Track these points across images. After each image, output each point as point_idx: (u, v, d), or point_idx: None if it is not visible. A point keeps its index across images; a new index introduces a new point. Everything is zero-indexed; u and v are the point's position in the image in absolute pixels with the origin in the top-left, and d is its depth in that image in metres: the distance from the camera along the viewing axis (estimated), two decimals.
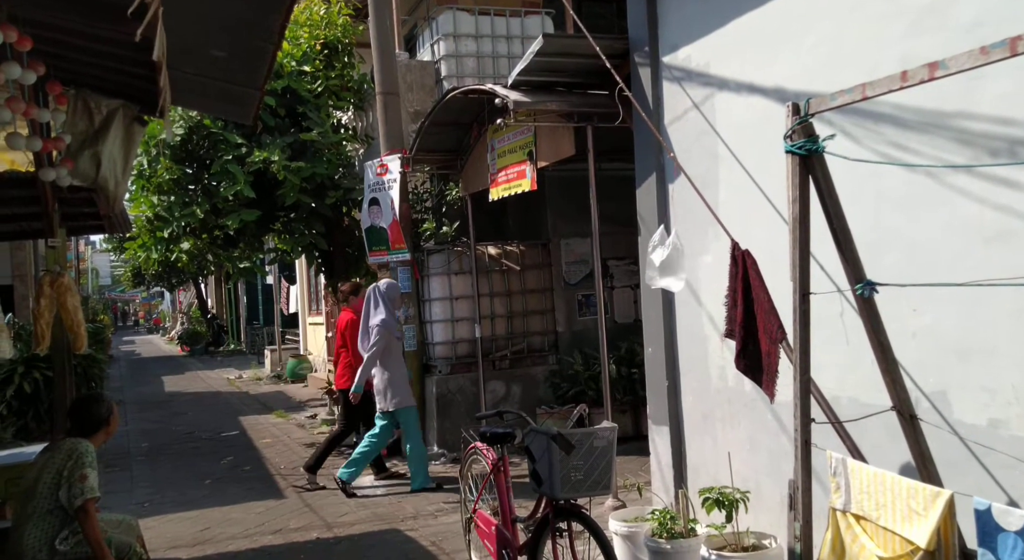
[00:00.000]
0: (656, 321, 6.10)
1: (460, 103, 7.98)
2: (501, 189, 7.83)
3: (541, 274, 9.63)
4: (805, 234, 3.37)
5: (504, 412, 4.85)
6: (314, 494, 7.67)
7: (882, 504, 2.86)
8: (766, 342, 3.86)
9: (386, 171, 9.03)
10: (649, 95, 6.11)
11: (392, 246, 9.05)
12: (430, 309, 9.26)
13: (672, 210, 5.91)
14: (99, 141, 4.95)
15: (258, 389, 16.99)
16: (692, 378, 5.86)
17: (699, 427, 5.81)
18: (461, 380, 9.12)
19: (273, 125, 9.60)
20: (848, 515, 3.04)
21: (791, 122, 3.39)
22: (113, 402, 4.40)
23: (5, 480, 5.29)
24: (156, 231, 9.70)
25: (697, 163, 5.62)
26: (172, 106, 6.19)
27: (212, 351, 28.17)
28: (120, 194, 5.12)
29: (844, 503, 3.06)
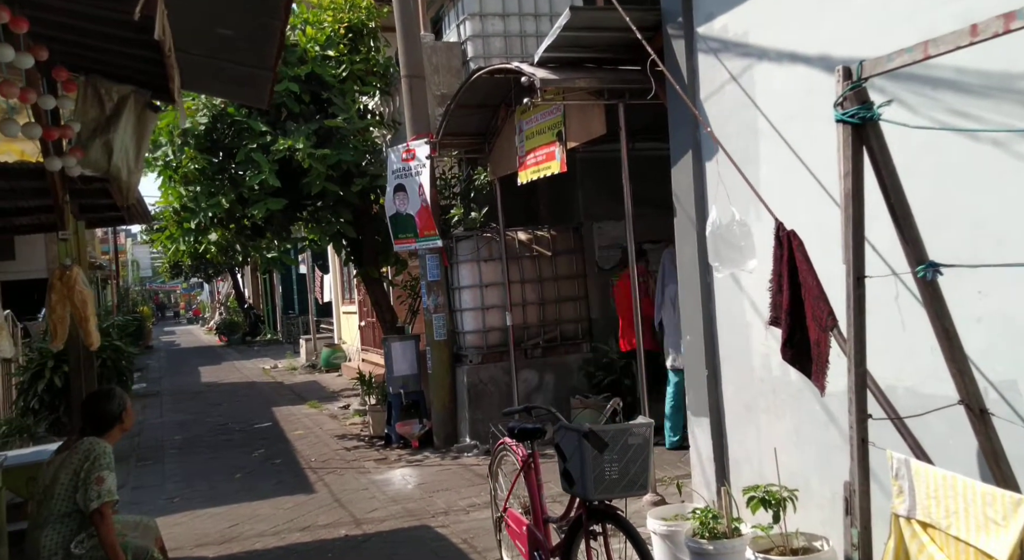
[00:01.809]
0: (694, 308, 5.79)
1: (486, 84, 7.70)
2: (530, 172, 7.56)
3: (573, 259, 9.34)
4: (859, 211, 3.05)
5: (532, 407, 4.59)
6: (344, 489, 7.50)
7: (953, 511, 2.56)
8: (815, 330, 3.55)
9: (412, 157, 8.80)
10: (684, 68, 5.78)
11: (421, 233, 8.82)
12: (459, 297, 9.03)
13: (709, 189, 5.58)
14: (110, 129, 4.77)
15: (292, 379, 16.96)
16: (733, 367, 5.55)
17: (741, 419, 5.50)
18: (493, 370, 8.89)
19: (298, 112, 9.40)
20: (913, 522, 2.74)
21: (842, 88, 3.07)
22: (127, 397, 4.22)
23: (27, 479, 5.17)
24: (183, 222, 9.58)
25: (736, 139, 5.29)
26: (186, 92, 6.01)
27: (249, 341, 28.32)
28: (133, 184, 4.94)
29: (908, 509, 2.76)
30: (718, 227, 4.43)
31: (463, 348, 9.03)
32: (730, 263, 4.41)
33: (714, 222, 4.48)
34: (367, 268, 10.52)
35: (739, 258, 4.37)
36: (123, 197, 4.92)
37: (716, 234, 4.43)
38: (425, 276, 8.98)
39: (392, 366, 9.28)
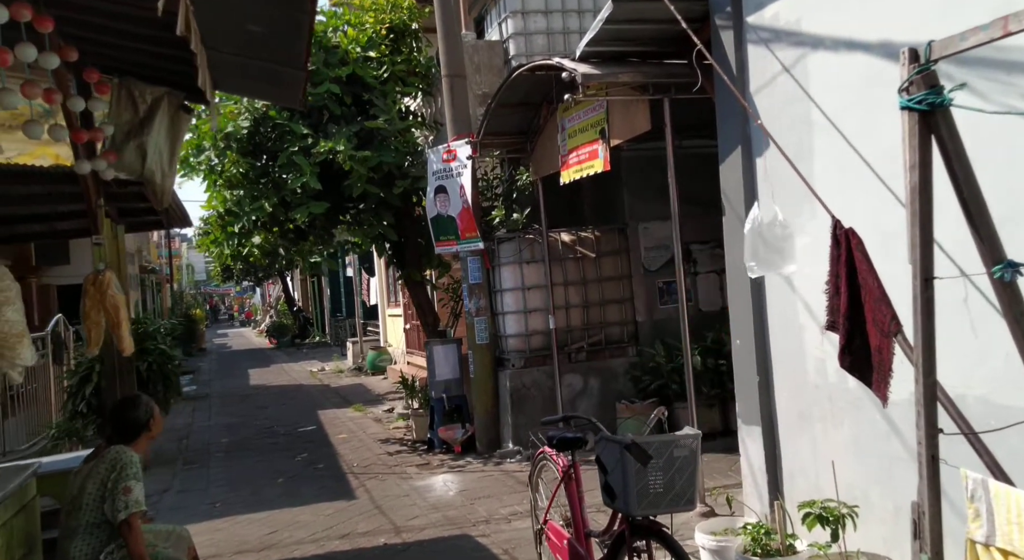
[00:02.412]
0: (744, 310, 5.53)
1: (527, 82, 7.52)
2: (572, 171, 7.35)
3: (618, 260, 9.10)
4: (927, 206, 2.79)
5: (571, 417, 4.39)
6: (385, 496, 7.38)
7: None
8: (876, 336, 3.29)
9: (453, 157, 8.65)
10: (732, 60, 5.52)
11: (462, 235, 8.68)
12: (501, 300, 8.85)
13: (760, 186, 5.31)
14: (144, 131, 4.71)
15: (339, 382, 16.97)
16: (786, 373, 5.28)
17: (795, 428, 5.22)
18: (536, 374, 8.69)
19: (339, 114, 9.33)
20: (992, 549, 2.47)
21: (907, 71, 2.82)
22: (154, 404, 4.12)
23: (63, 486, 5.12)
24: (227, 226, 9.58)
25: (788, 133, 5.02)
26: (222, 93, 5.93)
27: (298, 343, 28.54)
28: (168, 187, 4.86)
29: (986, 535, 2.50)
30: (758, 225, 4.18)
31: (505, 352, 8.86)
32: (767, 264, 4.16)
33: (755, 219, 4.22)
34: (410, 271, 10.41)
35: (778, 260, 4.12)
36: (158, 200, 4.86)
37: (755, 233, 4.18)
38: (467, 279, 8.82)
39: (434, 370, 9.15)
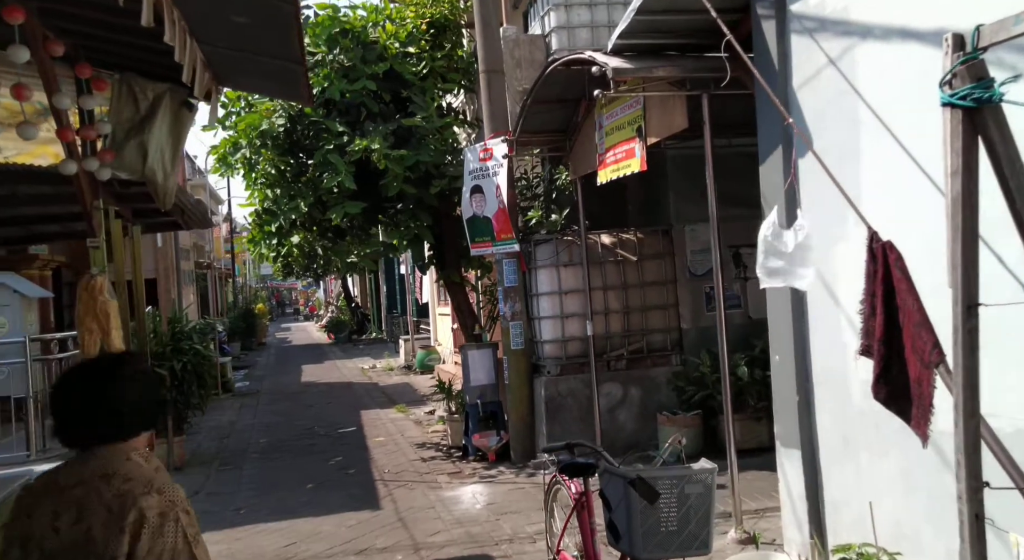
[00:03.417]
0: (784, 324, 5.09)
1: (563, 77, 7.16)
2: (609, 171, 6.97)
3: (662, 264, 8.67)
4: (971, 219, 2.38)
5: (575, 444, 4.03)
6: (410, 507, 7.13)
7: None
8: (916, 365, 2.87)
9: (490, 156, 8.35)
10: (774, 52, 5.09)
11: (498, 237, 8.37)
12: (537, 304, 8.52)
13: (802, 188, 4.87)
14: (145, 129, 4.52)
15: (387, 380, 16.87)
16: (828, 394, 4.83)
17: (838, 454, 4.77)
18: (572, 382, 8.34)
19: (377, 111, 9.12)
20: None
21: (951, 61, 2.40)
22: None
23: None
24: (264, 225, 9.47)
25: (833, 131, 4.59)
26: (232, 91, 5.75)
27: (355, 339, 28.69)
28: (170, 187, 4.67)
29: None
30: (774, 232, 3.77)
31: (541, 358, 8.53)
32: (779, 275, 3.75)
33: (772, 224, 3.82)
34: (449, 272, 10.16)
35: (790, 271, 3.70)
36: (161, 201, 4.66)
37: (767, 241, 3.77)
38: (502, 282, 8.52)
39: (469, 375, 8.87)
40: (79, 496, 1.91)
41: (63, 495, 1.93)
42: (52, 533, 1.90)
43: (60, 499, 1.93)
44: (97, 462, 1.96)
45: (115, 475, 1.94)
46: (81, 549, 1.87)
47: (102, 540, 1.86)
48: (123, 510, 1.88)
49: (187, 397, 9.11)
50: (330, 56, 9.00)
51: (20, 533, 1.94)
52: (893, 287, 2.93)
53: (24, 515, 1.96)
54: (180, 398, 9.05)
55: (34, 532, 1.92)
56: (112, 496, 1.90)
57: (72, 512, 1.90)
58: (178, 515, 1.93)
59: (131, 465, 1.98)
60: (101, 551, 1.85)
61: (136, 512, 1.87)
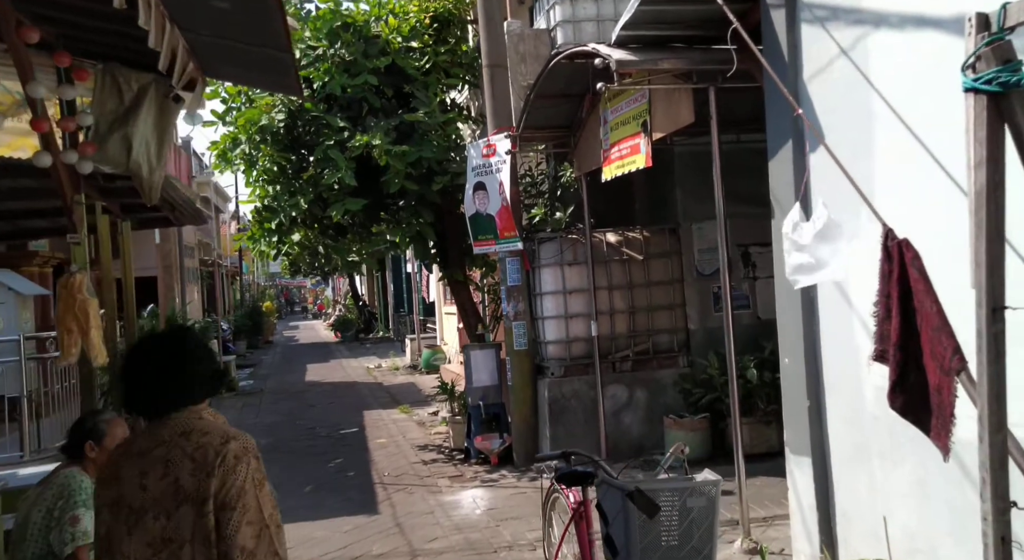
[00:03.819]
0: (794, 325, 4.89)
1: (567, 71, 6.97)
2: (614, 167, 6.79)
3: (669, 263, 8.46)
4: (997, 215, 2.18)
5: (571, 453, 3.84)
6: (408, 512, 6.96)
7: None
8: (935, 372, 2.67)
9: (493, 152, 8.17)
10: (784, 43, 4.89)
11: (500, 235, 8.19)
12: (541, 304, 8.33)
13: (814, 185, 4.67)
14: (129, 121, 4.36)
15: (392, 380, 16.72)
16: (841, 399, 4.63)
17: (850, 462, 4.57)
18: (576, 384, 8.15)
19: (379, 107, 8.94)
20: None
21: (974, 43, 2.20)
22: (114, 422, 3.72)
23: None
24: (264, 222, 9.32)
25: (845, 125, 4.39)
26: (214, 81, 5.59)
27: (362, 338, 28.55)
28: (156, 181, 4.51)
29: None
30: (799, 229, 3.58)
31: (544, 359, 8.34)
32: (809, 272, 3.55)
33: (796, 222, 3.62)
34: (452, 270, 9.98)
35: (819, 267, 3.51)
36: (146, 195, 4.50)
37: (790, 238, 3.58)
38: (505, 281, 8.34)
39: (471, 376, 8.69)
40: (162, 455, 2.17)
41: (146, 458, 2.18)
42: (140, 491, 2.15)
43: (144, 461, 2.18)
44: (173, 425, 2.22)
45: (193, 431, 2.20)
46: (171, 498, 2.13)
47: (191, 486, 2.12)
48: (206, 457, 2.14)
49: None
50: (331, 50, 8.83)
51: (109, 498, 2.21)
52: (910, 288, 2.73)
53: (112, 480, 2.22)
54: None
55: (123, 494, 2.17)
56: (194, 448, 2.16)
57: (158, 469, 2.15)
58: (250, 460, 2.19)
59: (204, 422, 2.25)
60: (192, 495, 2.12)
61: (218, 456, 2.14)
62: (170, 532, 2.13)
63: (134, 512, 2.15)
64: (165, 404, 2.25)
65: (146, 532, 2.14)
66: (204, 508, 2.11)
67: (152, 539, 2.13)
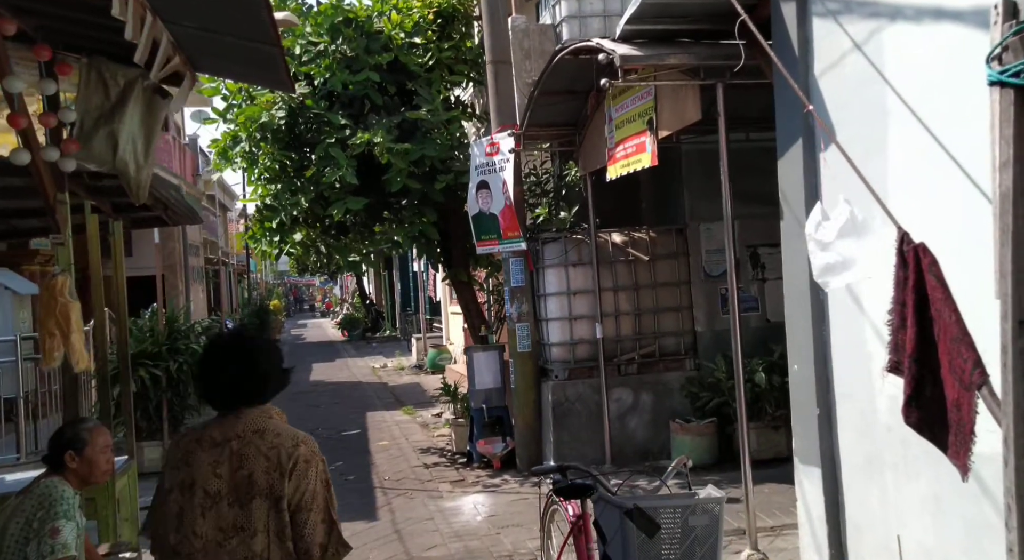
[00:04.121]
0: (803, 331, 4.72)
1: (572, 67, 6.80)
2: (619, 166, 6.62)
3: (676, 264, 8.28)
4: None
5: (568, 466, 3.68)
6: (408, 518, 6.82)
7: None
8: (954, 386, 2.50)
9: (496, 150, 8.01)
10: (794, 37, 4.71)
11: (504, 234, 8.03)
12: (545, 305, 8.17)
13: (824, 184, 4.50)
14: (116, 118, 4.21)
15: (397, 380, 16.59)
16: (852, 407, 4.45)
17: (862, 473, 4.40)
18: (580, 387, 7.98)
19: (381, 104, 8.79)
20: None
21: (1000, 32, 2.03)
22: (96, 431, 3.58)
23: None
24: (265, 221, 9.19)
25: (858, 122, 4.21)
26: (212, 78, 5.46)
27: (368, 337, 28.43)
28: (143, 180, 4.36)
29: None
30: (822, 228, 3.40)
31: (548, 361, 8.18)
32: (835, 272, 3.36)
33: (818, 222, 3.45)
34: (456, 270, 9.83)
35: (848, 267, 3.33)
36: (134, 194, 4.36)
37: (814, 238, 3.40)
38: (508, 281, 8.18)
39: (474, 378, 8.54)
40: (237, 448, 2.36)
41: (220, 447, 2.37)
42: (215, 478, 2.35)
43: (217, 451, 2.37)
44: (247, 420, 2.40)
45: (266, 431, 2.38)
46: (244, 490, 2.33)
47: (265, 483, 2.32)
48: (279, 458, 2.34)
49: (183, 398, 8.83)
50: (332, 46, 8.68)
51: (180, 478, 2.38)
52: (926, 296, 2.56)
53: (183, 464, 2.40)
54: (175, 399, 8.77)
55: (196, 478, 2.36)
56: (268, 448, 2.35)
57: (233, 461, 2.35)
58: (318, 462, 2.40)
59: (275, 423, 2.43)
60: (266, 491, 2.32)
61: (290, 459, 2.34)
62: (243, 521, 2.32)
63: (209, 496, 2.35)
64: (238, 399, 2.43)
65: (220, 517, 2.33)
66: (279, 505, 2.32)
67: (225, 524, 2.33)
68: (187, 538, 2.34)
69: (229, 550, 2.32)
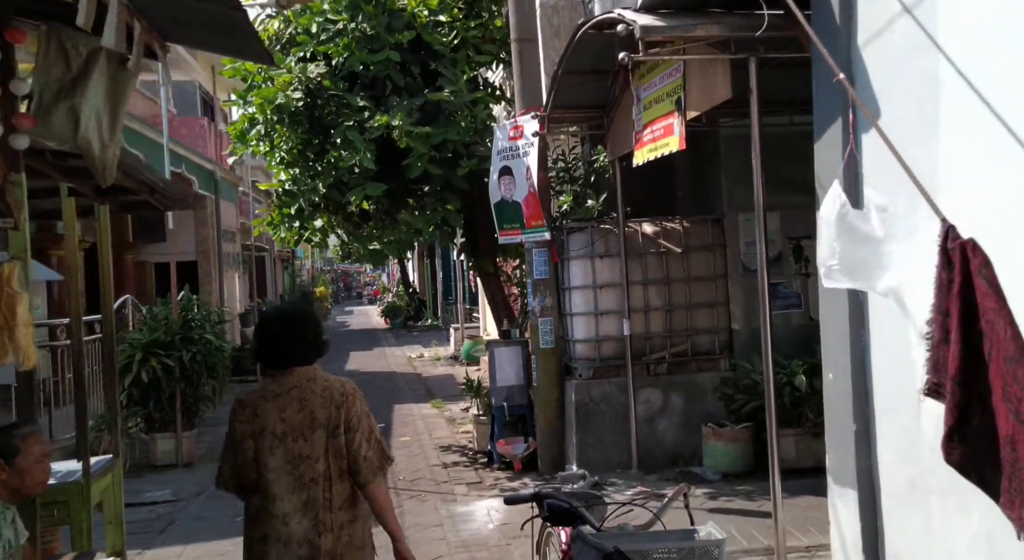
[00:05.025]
0: (838, 336, 4.19)
1: (597, 43, 6.27)
2: (646, 150, 6.10)
3: (711, 257, 7.73)
4: None
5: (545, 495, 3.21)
6: (416, 524, 6.44)
7: None
8: (1007, 418, 2.00)
9: (520, 134, 7.56)
10: (835, 2, 4.15)
11: (527, 223, 7.58)
12: (569, 299, 7.70)
13: (865, 170, 3.95)
14: (77, 91, 3.87)
15: (432, 371, 16.28)
16: (894, 424, 3.92)
17: (904, 498, 3.87)
18: (606, 387, 7.50)
19: (403, 85, 8.38)
20: None
21: None
22: (33, 437, 3.25)
23: None
24: (283, 207, 8.88)
25: (905, 97, 3.67)
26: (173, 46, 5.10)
27: (410, 325, 28.24)
28: (110, 159, 4.03)
29: None
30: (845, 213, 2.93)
31: (572, 359, 7.71)
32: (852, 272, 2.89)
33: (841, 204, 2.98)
34: (482, 260, 9.41)
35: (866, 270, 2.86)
36: (100, 175, 4.03)
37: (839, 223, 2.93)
38: (531, 273, 7.73)
39: (496, 375, 8.12)
40: (297, 395, 2.97)
41: (282, 397, 2.97)
42: (280, 422, 2.94)
43: (280, 400, 2.97)
44: (299, 374, 3.01)
45: (316, 378, 3.02)
46: (307, 426, 2.94)
47: (323, 416, 2.96)
48: (333, 395, 2.99)
49: (196, 389, 8.58)
50: (352, 24, 8.29)
51: (252, 428, 2.95)
52: (975, 304, 2.05)
53: (253, 416, 2.97)
54: (189, 390, 8.53)
55: (265, 425, 2.94)
56: (322, 389, 2.99)
57: (295, 405, 2.96)
58: (359, 397, 3.07)
59: (321, 373, 3.07)
60: (324, 423, 2.96)
61: (341, 396, 2.99)
62: (307, 451, 2.93)
63: (276, 437, 2.94)
64: (290, 359, 3.03)
65: (287, 451, 2.93)
66: (336, 432, 2.96)
67: (292, 456, 2.93)
68: (263, 473, 2.93)
69: (297, 475, 2.92)
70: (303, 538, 2.90)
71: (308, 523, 2.91)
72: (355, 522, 3.02)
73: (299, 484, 2.91)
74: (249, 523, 3.01)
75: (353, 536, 3.00)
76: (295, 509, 2.90)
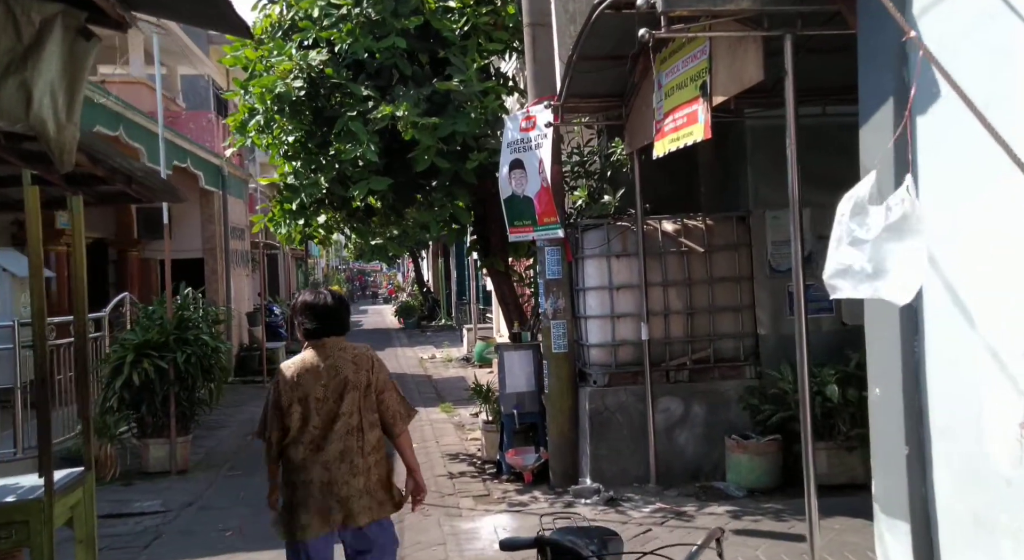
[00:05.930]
0: (887, 344, 3.70)
1: (615, 26, 5.79)
2: (667, 140, 5.62)
3: (736, 257, 7.24)
4: None
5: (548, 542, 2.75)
6: (417, 542, 6.00)
7: None
8: None
9: (532, 125, 7.10)
10: None
11: (539, 220, 7.12)
12: (584, 301, 7.23)
13: (920, 156, 3.46)
14: (29, 65, 3.43)
15: (443, 373, 15.86)
16: (952, 449, 3.43)
17: (965, 535, 3.38)
18: (622, 394, 7.02)
19: (410, 74, 7.93)
20: None
21: None
22: None
23: None
24: (284, 202, 8.46)
25: (970, 70, 3.17)
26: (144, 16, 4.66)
27: (424, 325, 27.85)
28: (67, 141, 3.57)
29: None
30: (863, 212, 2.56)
31: (587, 364, 7.24)
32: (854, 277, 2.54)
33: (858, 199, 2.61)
34: (492, 259, 8.95)
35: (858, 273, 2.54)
36: (57, 160, 3.59)
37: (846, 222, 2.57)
38: (543, 273, 7.27)
39: (505, 380, 7.67)
40: (331, 363, 3.70)
41: (319, 367, 3.69)
42: (320, 388, 3.67)
43: (318, 369, 3.69)
44: (331, 345, 3.75)
45: (346, 348, 3.79)
46: (343, 388, 3.67)
47: (355, 379, 3.70)
48: (360, 360, 3.77)
49: (191, 392, 8.17)
50: (356, 9, 7.85)
51: (296, 396, 3.66)
52: None
53: (297, 385, 3.67)
54: (184, 393, 8.12)
55: (308, 391, 3.66)
56: (352, 357, 3.76)
57: (332, 371, 3.69)
58: (382, 362, 3.88)
59: (348, 343, 3.83)
60: (355, 384, 3.69)
61: (368, 361, 3.79)
62: (343, 408, 3.64)
63: (318, 400, 3.64)
64: (327, 333, 3.75)
65: (328, 411, 3.64)
66: (367, 391, 3.70)
67: (331, 415, 3.64)
68: (308, 431, 3.61)
69: (336, 428, 3.61)
70: (342, 480, 3.60)
71: (346, 467, 3.61)
72: (380, 463, 3.75)
73: (337, 436, 3.60)
74: (294, 470, 3.64)
75: (380, 475, 3.75)
76: (334, 457, 3.60)
